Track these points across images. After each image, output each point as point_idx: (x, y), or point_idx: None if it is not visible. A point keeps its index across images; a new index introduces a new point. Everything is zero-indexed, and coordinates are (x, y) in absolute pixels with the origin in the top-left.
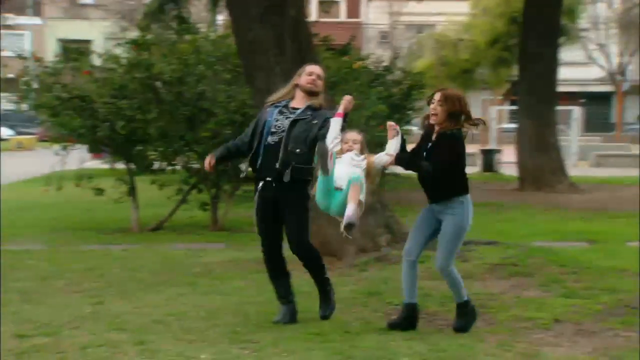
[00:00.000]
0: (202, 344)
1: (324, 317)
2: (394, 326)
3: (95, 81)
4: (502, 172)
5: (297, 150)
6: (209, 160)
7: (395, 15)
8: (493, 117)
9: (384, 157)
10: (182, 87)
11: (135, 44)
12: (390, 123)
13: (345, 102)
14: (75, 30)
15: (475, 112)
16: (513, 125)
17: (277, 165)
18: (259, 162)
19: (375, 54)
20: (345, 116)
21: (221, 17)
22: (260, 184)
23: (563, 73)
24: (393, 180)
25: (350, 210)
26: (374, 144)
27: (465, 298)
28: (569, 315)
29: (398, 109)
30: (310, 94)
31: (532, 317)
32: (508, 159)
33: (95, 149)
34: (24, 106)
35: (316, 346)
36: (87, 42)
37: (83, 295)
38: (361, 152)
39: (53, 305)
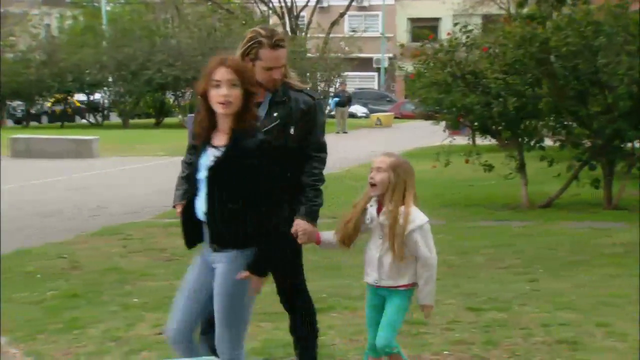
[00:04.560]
0: None
1: None
2: None
3: (489, 56)
4: None
5: None
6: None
7: None
8: None
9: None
10: (577, 61)
11: (530, 18)
12: None
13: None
14: (425, 8)
15: None
16: None
17: None
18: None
19: None
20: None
21: None
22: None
23: None
24: None
25: None
26: None
27: None
28: None
29: None
30: None
31: None
32: None
33: (455, 126)
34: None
35: None
36: (436, 20)
37: (509, 272)
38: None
39: (484, 280)
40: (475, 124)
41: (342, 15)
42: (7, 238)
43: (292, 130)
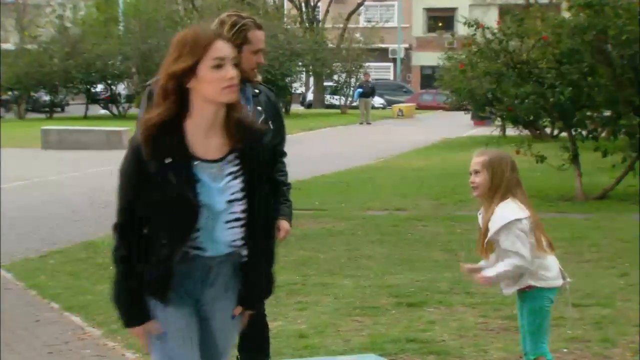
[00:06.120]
0: None
1: None
2: None
3: (541, 45)
4: None
5: None
6: None
7: None
8: None
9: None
10: (635, 49)
11: (583, 5)
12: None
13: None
14: None
15: None
16: None
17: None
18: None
19: None
20: None
21: None
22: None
23: None
24: None
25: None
26: None
27: None
28: None
29: None
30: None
31: None
32: None
33: (479, 116)
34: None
35: None
36: (452, 10)
37: (593, 266)
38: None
39: (571, 274)
40: (504, 115)
41: (359, 5)
42: (71, 229)
43: (271, 125)
